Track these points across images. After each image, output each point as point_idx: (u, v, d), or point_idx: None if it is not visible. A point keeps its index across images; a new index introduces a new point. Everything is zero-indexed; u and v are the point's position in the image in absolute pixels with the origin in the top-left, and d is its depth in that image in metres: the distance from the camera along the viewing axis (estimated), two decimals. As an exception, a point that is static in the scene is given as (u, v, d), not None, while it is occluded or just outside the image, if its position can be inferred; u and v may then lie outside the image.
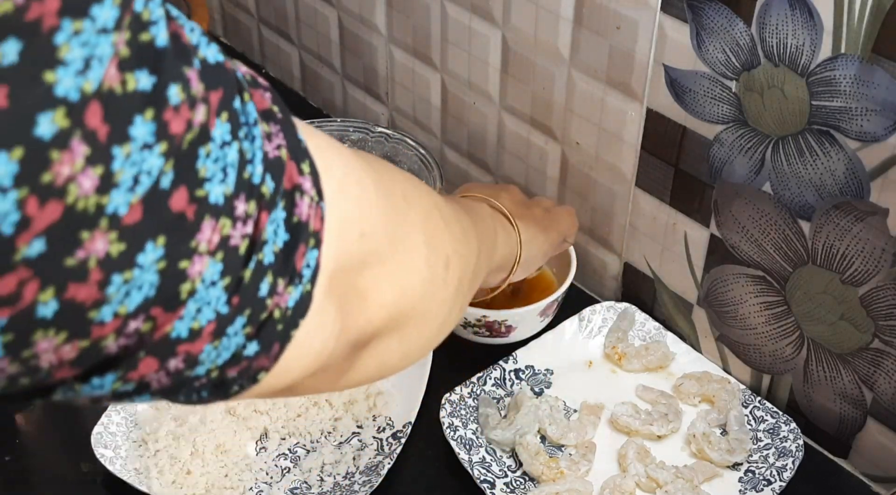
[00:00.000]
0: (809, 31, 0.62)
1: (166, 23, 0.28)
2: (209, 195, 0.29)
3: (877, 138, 0.62)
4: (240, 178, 0.30)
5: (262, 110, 0.33)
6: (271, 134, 0.33)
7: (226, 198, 0.30)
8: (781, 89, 0.65)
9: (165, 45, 0.27)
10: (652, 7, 0.70)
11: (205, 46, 0.30)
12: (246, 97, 0.32)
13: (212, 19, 1.21)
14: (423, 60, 0.94)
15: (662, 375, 0.81)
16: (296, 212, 0.33)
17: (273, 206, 0.32)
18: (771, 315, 0.75)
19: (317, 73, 1.10)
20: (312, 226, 0.34)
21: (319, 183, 0.35)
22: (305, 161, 0.35)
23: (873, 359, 0.69)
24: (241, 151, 0.31)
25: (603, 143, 0.81)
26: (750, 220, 0.72)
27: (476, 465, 0.73)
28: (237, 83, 0.32)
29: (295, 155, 0.34)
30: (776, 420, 0.76)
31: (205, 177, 0.29)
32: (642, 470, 0.73)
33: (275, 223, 0.32)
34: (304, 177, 0.34)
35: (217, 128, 0.29)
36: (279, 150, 0.33)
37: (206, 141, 0.29)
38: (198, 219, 0.29)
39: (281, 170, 0.33)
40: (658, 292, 0.84)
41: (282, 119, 0.34)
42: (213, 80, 0.30)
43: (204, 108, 0.29)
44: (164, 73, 0.27)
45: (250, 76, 0.34)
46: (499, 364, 0.80)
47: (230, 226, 0.30)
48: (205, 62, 0.30)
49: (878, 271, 0.66)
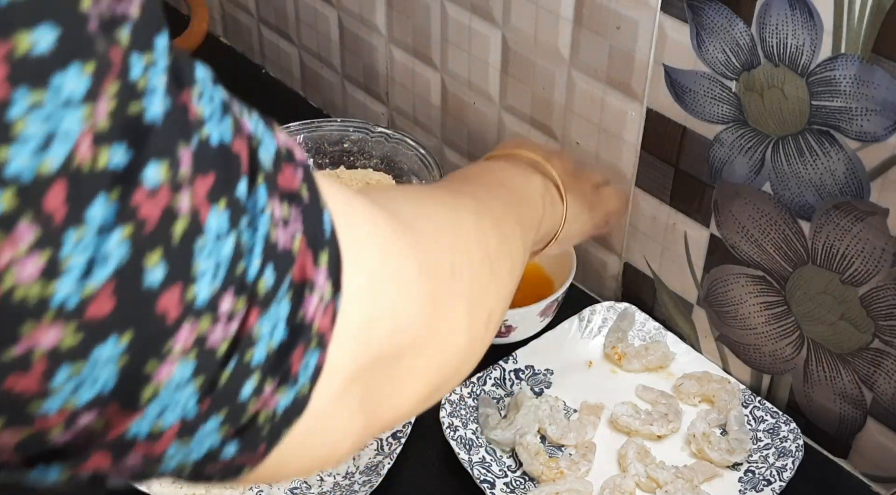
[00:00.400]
0: (809, 31, 0.62)
1: (170, 93, 0.26)
2: (198, 296, 0.27)
3: (877, 138, 0.62)
4: (231, 273, 0.28)
5: (286, 191, 0.30)
6: (289, 219, 0.30)
7: (211, 297, 0.27)
8: (781, 89, 0.65)
9: (157, 118, 0.25)
10: (652, 7, 0.70)
11: (216, 122, 0.28)
12: (260, 179, 0.29)
13: (212, 19, 1.21)
14: (423, 60, 0.94)
15: (662, 375, 0.81)
16: (301, 308, 0.30)
17: (269, 303, 0.29)
18: (771, 315, 0.75)
19: (317, 73, 1.10)
20: (318, 327, 0.31)
21: (340, 276, 0.32)
22: (325, 251, 0.32)
23: (873, 358, 0.69)
24: (237, 244, 0.28)
25: (603, 143, 0.81)
26: (750, 220, 0.72)
27: (476, 465, 0.73)
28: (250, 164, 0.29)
29: (314, 243, 0.31)
30: (776, 420, 0.76)
31: (197, 275, 0.26)
32: (642, 470, 0.73)
33: (273, 319, 0.29)
34: (318, 270, 0.31)
35: (212, 218, 0.27)
36: (293, 239, 0.30)
37: (199, 233, 0.26)
38: (178, 321, 0.26)
39: (289, 261, 0.30)
40: (658, 292, 0.84)
41: (308, 202, 0.31)
42: (206, 163, 0.27)
43: (189, 193, 0.26)
44: (145, 149, 0.25)
45: (286, 150, 0.31)
46: (499, 364, 0.80)
47: (209, 325, 0.27)
48: (205, 142, 0.27)
49: (878, 271, 0.66)
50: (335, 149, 0.95)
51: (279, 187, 0.30)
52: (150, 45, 0.25)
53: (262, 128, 0.31)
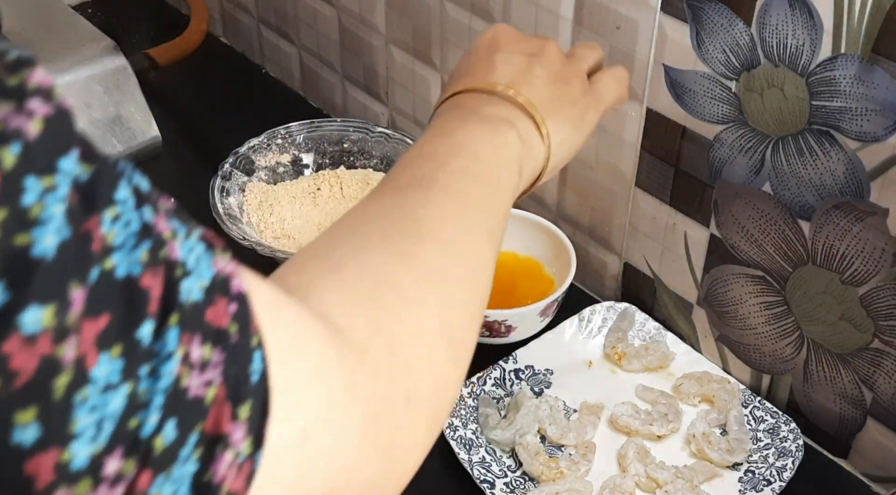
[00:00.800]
0: (809, 31, 0.62)
1: (72, 220, 0.23)
2: (73, 460, 0.23)
3: (877, 138, 0.62)
4: (120, 429, 0.24)
5: (211, 329, 0.27)
6: (208, 364, 0.27)
7: (92, 458, 0.24)
8: (781, 89, 0.65)
9: (48, 253, 0.22)
10: (652, 7, 0.70)
11: (126, 252, 0.25)
12: (173, 320, 0.26)
13: (212, 19, 1.21)
14: (423, 60, 0.94)
15: (662, 375, 0.81)
16: (211, 468, 0.27)
17: (168, 463, 0.26)
18: (771, 315, 0.75)
19: (317, 73, 1.11)
20: (227, 489, 0.28)
21: (264, 430, 0.29)
22: (248, 401, 0.28)
23: (873, 359, 0.69)
24: (131, 395, 0.24)
25: (603, 143, 0.81)
26: (750, 220, 0.72)
27: (476, 465, 0.73)
28: (163, 301, 0.26)
29: (234, 392, 0.28)
30: (776, 420, 0.76)
31: (74, 433, 0.23)
32: (642, 470, 0.73)
33: (175, 481, 0.26)
34: (236, 425, 0.28)
35: (100, 367, 0.24)
36: (207, 388, 0.27)
37: (82, 384, 0.23)
38: (50, 488, 0.23)
39: (200, 414, 0.27)
40: (658, 292, 0.84)
41: (237, 341, 0.28)
42: (102, 302, 0.24)
43: (75, 340, 0.23)
44: (27, 289, 0.22)
45: (222, 279, 0.28)
46: (499, 364, 0.80)
47: (88, 490, 0.24)
48: (107, 275, 0.24)
49: (878, 271, 0.66)
50: (335, 149, 0.95)
51: (204, 324, 0.27)
52: (51, 168, 0.23)
53: (200, 252, 0.28)
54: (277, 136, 0.94)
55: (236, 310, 0.28)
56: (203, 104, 1.14)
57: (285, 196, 0.92)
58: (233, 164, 0.90)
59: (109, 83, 0.90)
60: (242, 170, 0.91)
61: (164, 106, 1.05)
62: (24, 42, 0.91)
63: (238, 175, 0.90)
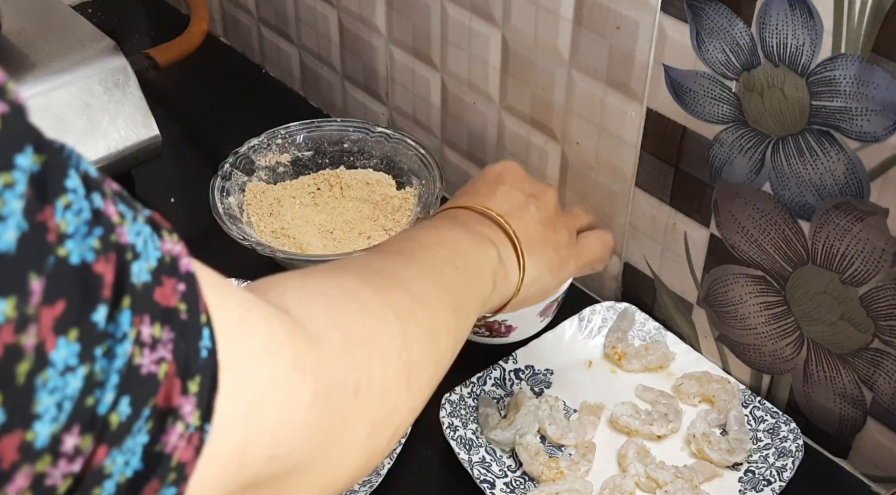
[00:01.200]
0: (809, 31, 0.62)
1: (28, 213, 0.24)
2: (37, 438, 0.24)
3: (877, 138, 0.62)
4: (78, 408, 0.26)
5: (160, 309, 0.29)
6: (159, 342, 0.28)
7: (52, 437, 0.25)
8: (781, 89, 0.65)
9: (9, 248, 0.23)
10: (652, 7, 0.70)
11: (79, 239, 0.26)
12: (125, 302, 0.27)
13: (212, 19, 1.21)
14: (423, 60, 0.94)
15: (662, 375, 0.81)
16: (162, 439, 0.29)
17: (122, 437, 0.27)
18: (771, 315, 0.75)
19: (317, 72, 1.10)
20: (177, 459, 0.29)
21: (212, 403, 0.30)
22: (197, 377, 0.30)
23: (873, 359, 0.69)
24: (88, 376, 0.26)
25: (603, 143, 0.81)
26: (750, 220, 0.72)
27: (476, 465, 0.73)
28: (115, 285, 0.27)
29: (184, 368, 0.29)
30: (776, 420, 0.76)
31: (37, 414, 0.24)
32: (642, 470, 0.73)
33: (127, 452, 0.28)
34: (186, 398, 0.29)
35: (59, 350, 0.25)
36: (158, 365, 0.28)
37: (43, 367, 0.24)
38: (14, 467, 0.24)
39: (152, 389, 0.28)
40: (658, 292, 0.84)
41: (187, 319, 0.29)
42: (59, 289, 0.25)
43: (35, 327, 0.24)
44: None
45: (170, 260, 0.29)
46: (499, 364, 0.80)
47: (48, 466, 0.25)
48: (62, 261, 0.25)
49: (878, 271, 0.66)
50: (335, 148, 0.95)
51: (154, 304, 0.28)
52: (9, 165, 0.24)
53: (147, 235, 0.29)
54: (277, 136, 0.94)
55: (185, 290, 0.30)
56: (203, 104, 1.14)
57: (285, 196, 0.92)
58: (233, 164, 0.90)
59: (109, 83, 0.90)
60: (242, 170, 0.91)
61: (164, 106, 1.05)
62: (23, 42, 0.91)
63: (238, 175, 0.90)
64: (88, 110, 0.89)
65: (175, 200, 1.00)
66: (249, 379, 0.33)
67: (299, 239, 0.87)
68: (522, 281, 0.61)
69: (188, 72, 1.09)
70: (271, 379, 0.34)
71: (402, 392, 0.45)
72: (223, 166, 0.90)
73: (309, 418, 0.37)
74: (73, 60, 0.90)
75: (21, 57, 0.90)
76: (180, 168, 1.06)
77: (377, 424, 0.43)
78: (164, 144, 0.94)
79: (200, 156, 1.09)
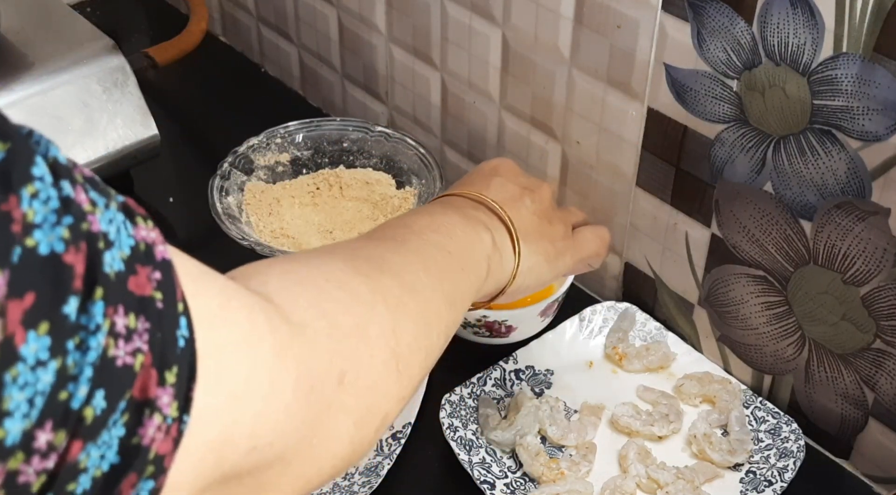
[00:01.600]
0: (811, 30, 0.61)
1: None
2: (7, 436, 0.24)
3: (878, 138, 0.61)
4: (50, 403, 0.25)
5: (135, 299, 0.28)
6: (134, 332, 0.28)
7: (24, 433, 0.24)
8: (783, 88, 0.65)
9: None
10: (653, 6, 0.70)
11: (48, 229, 0.25)
12: (98, 293, 0.26)
13: (211, 18, 1.21)
14: (423, 59, 0.94)
15: (663, 376, 0.81)
16: (139, 432, 0.28)
17: (97, 431, 0.27)
18: (772, 315, 0.75)
19: (316, 72, 1.10)
20: (156, 450, 0.29)
21: (191, 393, 0.30)
22: (174, 367, 0.29)
23: (875, 359, 0.69)
24: (60, 370, 0.25)
25: (603, 143, 0.80)
26: (751, 220, 0.72)
27: (476, 466, 0.73)
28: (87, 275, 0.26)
29: (160, 358, 0.29)
30: (777, 420, 0.75)
31: (7, 411, 0.24)
32: (643, 470, 0.73)
33: (103, 446, 0.27)
34: (163, 389, 0.29)
35: (29, 345, 0.24)
36: (133, 356, 0.28)
37: (12, 362, 0.24)
38: None
39: (128, 381, 0.27)
40: (659, 292, 0.84)
41: (163, 308, 0.29)
42: (26, 281, 0.24)
43: (1, 321, 0.23)
44: None
45: (144, 247, 0.29)
46: (499, 364, 0.80)
47: (21, 463, 0.25)
48: (30, 252, 0.24)
49: (880, 271, 0.66)
50: (334, 148, 0.95)
51: (127, 294, 0.28)
52: None
53: (120, 222, 0.28)
54: (277, 136, 0.94)
55: (160, 278, 0.29)
56: (202, 103, 1.14)
57: (284, 195, 0.91)
58: (232, 164, 0.90)
59: (108, 82, 0.90)
60: (241, 169, 0.91)
61: (163, 105, 1.05)
62: (22, 41, 0.91)
63: (237, 174, 0.90)
64: (87, 109, 0.89)
65: (174, 200, 0.99)
66: (229, 369, 0.32)
67: (298, 238, 0.87)
68: (518, 267, 0.60)
69: (187, 71, 1.09)
70: (252, 368, 0.34)
71: (390, 381, 0.44)
72: (222, 166, 0.89)
73: (292, 408, 0.36)
74: (71, 59, 0.89)
75: (19, 56, 0.90)
76: (179, 167, 1.06)
77: (364, 414, 0.42)
78: (163, 144, 0.94)
79: (199, 155, 1.09)
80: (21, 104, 0.86)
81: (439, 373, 0.79)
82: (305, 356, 0.38)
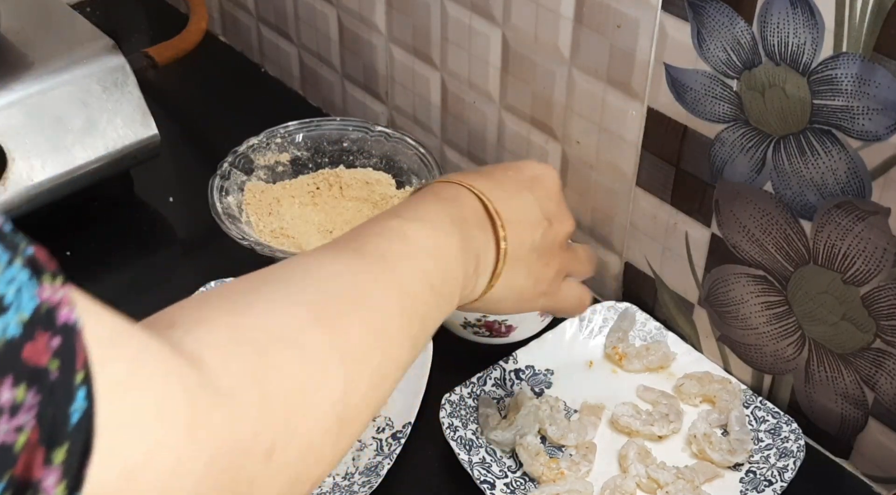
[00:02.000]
0: (811, 30, 0.61)
1: None
2: None
3: (878, 137, 0.61)
4: None
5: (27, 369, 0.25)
6: (21, 406, 0.25)
7: None
8: (783, 88, 0.65)
9: None
10: (653, 6, 0.70)
11: None
12: None
13: (211, 18, 1.21)
14: (422, 59, 0.94)
15: (663, 375, 0.81)
16: None
17: None
18: (772, 315, 0.75)
19: (316, 72, 1.10)
20: None
21: (82, 473, 0.27)
22: (64, 445, 0.27)
23: (875, 359, 0.69)
24: None
25: (603, 143, 0.80)
26: (751, 220, 0.72)
27: (476, 466, 0.73)
28: None
29: (49, 437, 0.26)
30: (777, 420, 0.75)
31: None
32: (643, 470, 0.72)
33: None
34: (49, 470, 0.26)
35: None
36: (18, 433, 0.25)
37: None
38: None
39: (8, 462, 0.25)
40: (659, 292, 0.84)
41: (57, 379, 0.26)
42: None
43: None
44: None
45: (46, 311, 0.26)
46: (499, 364, 0.80)
47: None
48: None
49: (880, 271, 0.66)
50: (334, 148, 0.95)
51: (19, 363, 0.25)
52: None
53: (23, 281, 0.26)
54: (276, 135, 0.94)
55: (60, 344, 0.27)
56: (202, 103, 1.14)
57: (284, 195, 0.91)
58: (232, 164, 0.90)
59: (108, 82, 0.90)
60: (241, 169, 0.91)
61: (163, 105, 1.05)
62: (22, 40, 0.91)
63: (237, 174, 0.90)
64: (87, 109, 0.89)
65: (174, 200, 0.99)
66: (128, 444, 0.30)
67: (298, 238, 0.87)
68: (485, 293, 0.57)
69: (187, 71, 1.09)
70: (158, 443, 0.32)
71: (327, 446, 0.41)
72: (222, 165, 0.89)
73: (203, 486, 0.34)
74: (71, 59, 0.89)
75: (19, 56, 0.90)
76: (179, 167, 1.06)
77: (296, 478, 0.39)
78: (163, 144, 0.94)
79: (199, 155, 1.09)
80: (21, 104, 0.86)
81: (439, 373, 0.79)
82: (226, 430, 0.35)
